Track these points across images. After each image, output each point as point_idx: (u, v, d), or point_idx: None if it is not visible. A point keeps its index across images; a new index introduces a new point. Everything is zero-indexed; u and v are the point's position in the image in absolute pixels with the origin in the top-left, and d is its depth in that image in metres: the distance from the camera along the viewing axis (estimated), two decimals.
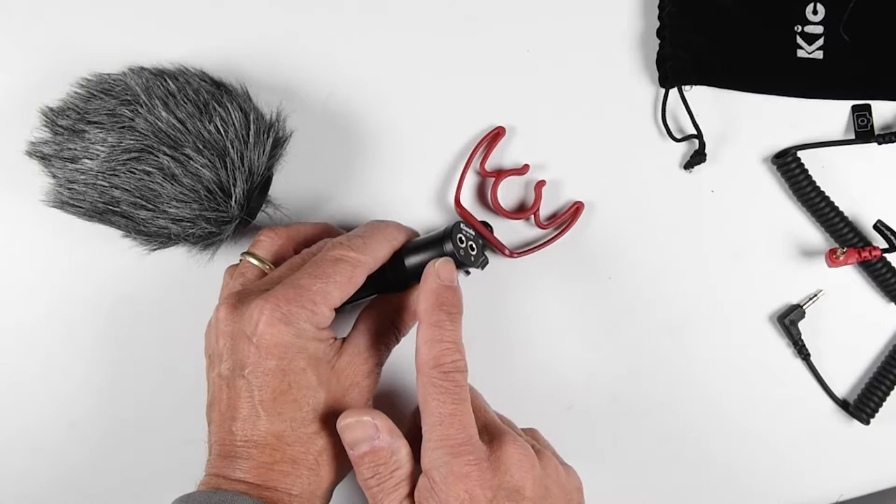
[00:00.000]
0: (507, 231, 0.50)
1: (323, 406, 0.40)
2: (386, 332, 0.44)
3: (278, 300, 0.39)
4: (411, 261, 0.43)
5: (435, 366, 0.38)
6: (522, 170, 0.50)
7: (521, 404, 0.49)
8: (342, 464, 0.41)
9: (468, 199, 0.50)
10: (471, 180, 0.50)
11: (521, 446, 0.39)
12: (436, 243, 0.43)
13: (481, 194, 0.50)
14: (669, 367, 0.51)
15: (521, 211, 0.50)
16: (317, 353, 0.40)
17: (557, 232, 0.50)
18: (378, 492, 0.39)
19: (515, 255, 0.49)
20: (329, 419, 0.40)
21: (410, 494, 0.38)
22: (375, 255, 0.42)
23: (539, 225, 0.49)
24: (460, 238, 0.44)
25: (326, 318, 0.40)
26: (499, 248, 0.49)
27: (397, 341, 0.45)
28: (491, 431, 0.40)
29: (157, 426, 0.49)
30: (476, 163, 0.50)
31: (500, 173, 0.49)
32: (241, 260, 0.45)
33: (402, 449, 0.39)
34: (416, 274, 0.42)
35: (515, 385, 0.50)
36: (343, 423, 0.39)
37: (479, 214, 0.50)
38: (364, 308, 0.45)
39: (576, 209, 0.49)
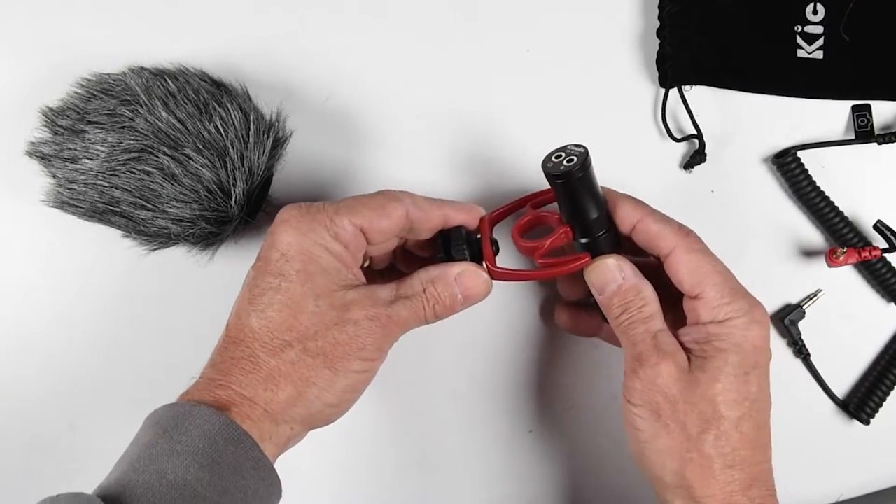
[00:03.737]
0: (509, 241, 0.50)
1: (307, 320, 0.39)
2: (415, 297, 0.41)
3: (309, 206, 0.40)
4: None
5: (689, 234, 0.42)
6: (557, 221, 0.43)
7: (521, 404, 0.49)
8: (311, 389, 0.39)
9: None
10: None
11: None
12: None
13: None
14: None
15: (531, 246, 0.43)
16: (328, 266, 0.40)
17: (547, 271, 0.43)
18: (629, 325, 0.41)
19: (495, 276, 0.43)
20: (307, 337, 0.39)
21: (662, 330, 0.41)
22: (426, 209, 0.42)
23: (538, 261, 0.43)
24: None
25: (346, 232, 0.40)
26: (487, 257, 0.43)
27: (428, 317, 0.42)
28: None
29: None
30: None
31: (539, 216, 0.44)
32: None
33: (647, 288, 0.42)
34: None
35: (516, 384, 0.50)
36: (588, 268, 0.42)
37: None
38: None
39: (578, 263, 0.42)
